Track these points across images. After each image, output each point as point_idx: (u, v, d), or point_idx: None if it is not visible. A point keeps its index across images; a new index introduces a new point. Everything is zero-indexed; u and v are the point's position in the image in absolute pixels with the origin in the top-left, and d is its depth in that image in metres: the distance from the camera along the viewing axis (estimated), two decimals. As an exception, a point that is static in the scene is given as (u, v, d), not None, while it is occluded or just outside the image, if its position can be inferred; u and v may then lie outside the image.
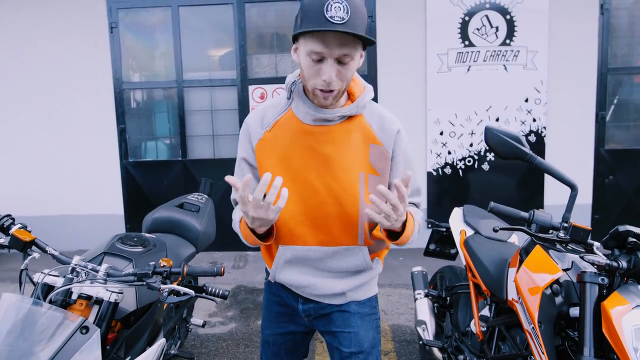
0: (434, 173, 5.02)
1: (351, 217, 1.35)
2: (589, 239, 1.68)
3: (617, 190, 4.98)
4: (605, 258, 1.56)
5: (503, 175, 4.99)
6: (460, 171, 5.01)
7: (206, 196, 2.84)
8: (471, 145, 4.97)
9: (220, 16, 4.98)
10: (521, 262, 1.80)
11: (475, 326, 2.18)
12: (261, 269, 4.51)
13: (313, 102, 1.33)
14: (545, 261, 1.68)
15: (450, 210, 2.64)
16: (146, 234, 2.25)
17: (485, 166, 4.99)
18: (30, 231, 1.75)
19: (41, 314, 1.44)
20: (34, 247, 1.73)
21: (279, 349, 1.57)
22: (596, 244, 1.69)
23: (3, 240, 1.73)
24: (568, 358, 1.61)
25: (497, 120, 4.91)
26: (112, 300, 1.59)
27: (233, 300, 3.89)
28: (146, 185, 5.22)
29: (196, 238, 2.51)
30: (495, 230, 1.76)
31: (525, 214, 1.73)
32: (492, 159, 4.97)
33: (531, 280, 1.68)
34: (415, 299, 2.75)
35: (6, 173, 5.27)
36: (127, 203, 5.25)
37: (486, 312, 2.16)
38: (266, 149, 1.37)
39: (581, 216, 4.93)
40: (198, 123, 5.15)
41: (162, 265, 1.54)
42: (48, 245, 1.71)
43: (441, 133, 4.96)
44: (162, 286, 1.47)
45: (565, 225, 1.68)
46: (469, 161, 4.99)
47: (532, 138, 4.90)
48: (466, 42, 4.83)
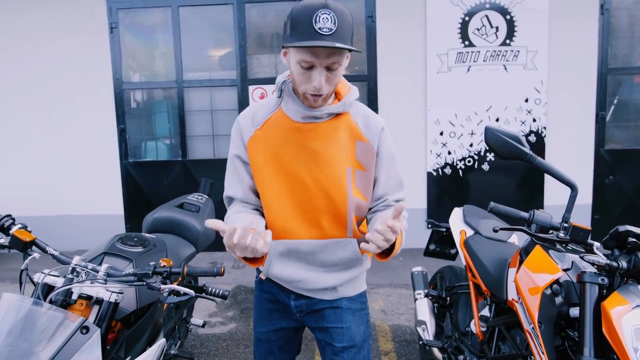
0: (434, 173, 5.03)
1: (340, 210, 1.41)
2: (589, 239, 1.68)
3: (617, 190, 4.98)
4: (605, 258, 1.56)
5: (503, 175, 4.99)
6: (460, 171, 5.01)
7: (206, 196, 2.85)
8: (471, 145, 4.97)
9: (220, 16, 4.98)
10: (521, 262, 1.80)
11: (475, 326, 2.18)
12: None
13: (303, 103, 1.39)
14: (545, 261, 1.69)
15: (450, 210, 2.64)
16: (146, 234, 2.25)
17: (485, 166, 4.99)
18: (30, 231, 1.75)
19: (41, 314, 1.44)
20: (34, 247, 1.73)
21: (272, 347, 1.62)
22: (596, 244, 1.69)
23: (3, 240, 1.73)
24: (568, 358, 1.61)
25: (497, 120, 4.91)
26: (112, 300, 1.60)
27: (233, 300, 3.89)
28: (146, 185, 5.22)
29: (196, 238, 2.52)
30: (495, 230, 1.77)
31: (525, 214, 1.73)
32: (492, 159, 4.97)
33: (531, 280, 1.68)
34: (415, 299, 2.75)
35: (6, 173, 5.27)
36: (127, 203, 5.25)
37: (486, 312, 2.16)
38: (258, 146, 1.43)
39: (581, 216, 4.93)
40: (198, 123, 5.15)
41: (162, 265, 1.55)
42: (48, 245, 1.72)
43: (441, 133, 4.96)
44: (162, 286, 1.47)
45: (565, 225, 1.69)
46: (469, 161, 5.00)
47: (532, 138, 4.90)
48: (466, 42, 4.83)
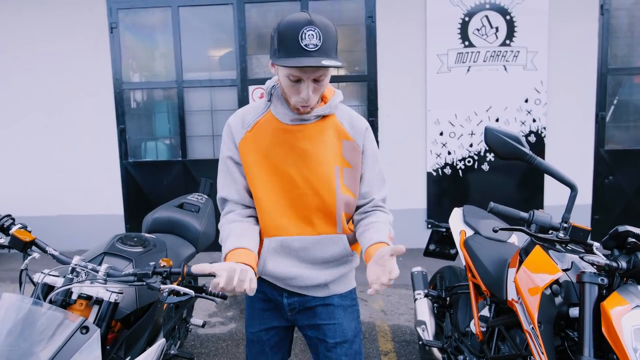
0: (434, 173, 5.03)
1: (329, 207, 1.47)
2: (589, 239, 1.68)
3: (617, 190, 4.98)
4: (604, 258, 1.56)
5: (503, 175, 4.99)
6: (460, 171, 5.01)
7: (206, 196, 2.85)
8: (471, 145, 4.97)
9: (220, 16, 4.98)
10: (521, 263, 1.80)
11: (475, 326, 2.18)
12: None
13: (292, 111, 1.44)
14: (545, 261, 1.69)
15: (450, 210, 2.65)
16: (146, 234, 2.25)
17: (485, 166, 4.99)
18: (30, 231, 1.75)
19: (41, 314, 1.44)
20: (34, 247, 1.73)
21: (264, 347, 1.64)
22: (596, 244, 1.70)
23: (3, 240, 1.73)
24: (568, 358, 1.61)
25: (497, 120, 4.91)
26: (112, 300, 1.60)
27: (233, 300, 3.89)
28: (146, 185, 5.22)
29: (196, 238, 2.52)
30: (495, 230, 1.77)
31: (525, 215, 1.73)
32: (492, 160, 4.97)
33: (531, 280, 1.68)
34: (415, 299, 2.75)
35: (7, 173, 5.27)
36: (127, 203, 5.25)
37: (486, 313, 2.16)
38: (248, 147, 1.48)
39: (581, 216, 4.93)
40: (198, 123, 5.15)
41: (162, 265, 1.55)
42: (48, 245, 1.72)
43: (441, 133, 4.96)
44: (162, 286, 1.47)
45: (565, 225, 1.69)
46: (469, 161, 5.00)
47: (532, 138, 4.90)
48: (466, 43, 4.83)
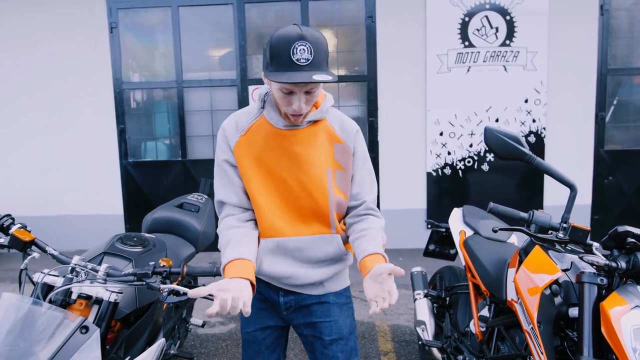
0: (434, 173, 5.03)
1: (323, 209, 1.51)
2: (588, 240, 1.68)
3: (617, 190, 4.98)
4: (604, 258, 1.56)
5: (503, 175, 4.99)
6: (459, 172, 5.02)
7: (206, 196, 2.85)
8: (471, 145, 4.97)
9: (220, 16, 4.98)
10: (520, 263, 1.80)
11: (474, 326, 2.18)
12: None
13: (285, 119, 1.48)
14: (544, 262, 1.69)
15: (449, 210, 2.65)
16: (146, 234, 2.25)
17: (484, 167, 4.99)
18: (30, 231, 1.75)
19: (41, 314, 1.44)
20: (34, 247, 1.73)
21: (259, 346, 1.65)
22: (595, 245, 1.70)
23: (3, 240, 1.73)
24: (567, 358, 1.61)
25: (497, 120, 4.91)
26: (112, 300, 1.60)
27: (233, 300, 3.88)
28: (146, 185, 5.22)
29: (196, 238, 2.52)
30: (494, 230, 1.77)
31: (524, 215, 1.74)
32: (492, 160, 4.97)
33: (530, 280, 1.68)
34: (414, 300, 2.75)
35: (6, 173, 5.27)
36: (127, 203, 5.26)
37: (485, 313, 2.16)
38: (243, 151, 1.51)
39: (581, 217, 4.93)
40: (198, 123, 5.15)
41: (162, 265, 1.55)
42: (48, 245, 1.72)
43: (441, 134, 4.96)
44: (162, 286, 1.47)
45: (564, 225, 1.69)
46: (469, 162, 5.00)
47: (532, 139, 4.90)
48: (466, 43, 4.83)
